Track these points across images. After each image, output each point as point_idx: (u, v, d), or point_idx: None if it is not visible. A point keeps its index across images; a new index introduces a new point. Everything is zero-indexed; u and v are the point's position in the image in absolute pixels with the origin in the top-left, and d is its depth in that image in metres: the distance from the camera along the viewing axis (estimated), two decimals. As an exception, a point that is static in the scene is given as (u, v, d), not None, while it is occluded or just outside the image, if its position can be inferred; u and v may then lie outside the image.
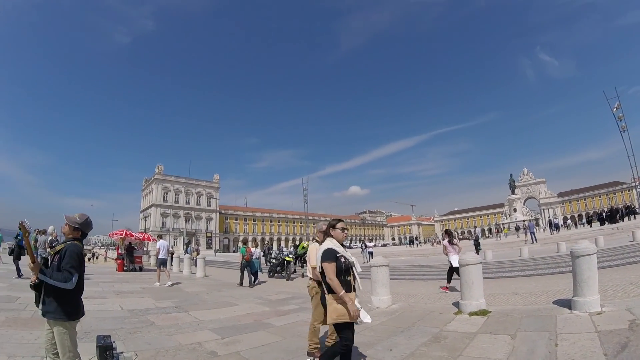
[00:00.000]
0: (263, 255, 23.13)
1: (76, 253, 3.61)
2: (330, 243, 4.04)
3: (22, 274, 12.82)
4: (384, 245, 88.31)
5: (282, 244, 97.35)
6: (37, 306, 3.57)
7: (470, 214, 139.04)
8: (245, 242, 16.36)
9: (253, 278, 15.14)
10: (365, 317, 3.90)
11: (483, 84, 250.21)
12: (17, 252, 13.52)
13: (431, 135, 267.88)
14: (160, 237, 18.04)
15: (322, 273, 3.90)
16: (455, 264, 10.09)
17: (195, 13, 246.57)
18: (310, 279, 5.31)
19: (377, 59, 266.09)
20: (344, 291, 3.74)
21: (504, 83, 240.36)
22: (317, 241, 5.35)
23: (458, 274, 9.88)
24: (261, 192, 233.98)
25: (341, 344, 3.88)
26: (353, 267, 3.99)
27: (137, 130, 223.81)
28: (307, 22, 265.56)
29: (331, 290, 3.78)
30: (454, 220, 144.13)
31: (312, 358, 5.02)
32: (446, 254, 10.95)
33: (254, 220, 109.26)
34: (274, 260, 19.04)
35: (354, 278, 3.98)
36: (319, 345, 5.11)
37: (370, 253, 29.12)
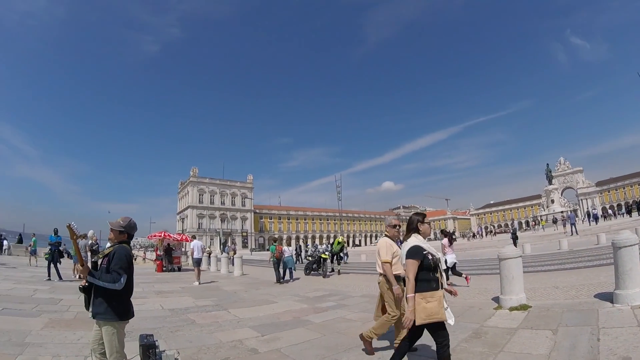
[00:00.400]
0: (295, 253, 23.18)
1: (124, 255, 3.61)
2: (416, 239, 3.81)
3: (61, 278, 13.29)
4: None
5: (317, 241, 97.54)
6: (87, 309, 3.55)
7: (507, 206, 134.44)
8: (275, 240, 16.54)
9: (288, 275, 15.67)
10: (450, 318, 3.65)
11: (515, 72, 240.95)
12: (56, 257, 13.86)
13: (464, 126, 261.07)
14: (194, 237, 18.49)
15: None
16: (450, 263, 11.09)
17: (221, 16, 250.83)
18: (380, 274, 5.20)
19: (405, 50, 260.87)
20: (415, 294, 3.51)
21: (536, 69, 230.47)
22: (387, 236, 5.31)
23: (453, 272, 11.49)
24: (294, 190, 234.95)
25: (440, 345, 3.60)
26: (439, 264, 3.76)
27: (172, 135, 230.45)
28: (332, 18, 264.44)
29: (419, 289, 3.54)
30: (490, 214, 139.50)
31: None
32: (444, 253, 11.02)
33: (288, 219, 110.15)
34: (309, 258, 18.95)
35: (441, 275, 3.74)
36: (378, 336, 5.07)
37: None
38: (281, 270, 15.24)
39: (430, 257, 3.65)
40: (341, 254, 19.08)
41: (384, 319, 5.03)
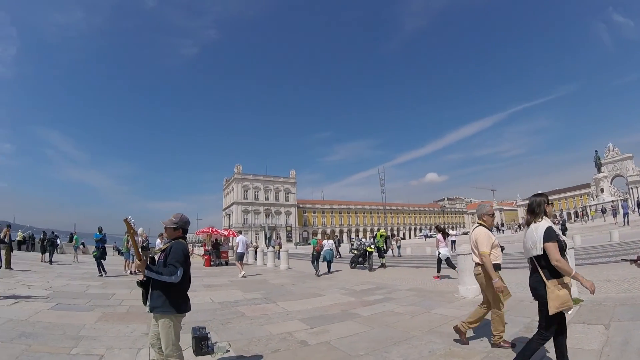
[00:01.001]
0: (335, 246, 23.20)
1: (180, 249, 3.66)
2: (547, 222, 3.60)
3: (106, 273, 13.92)
4: (465, 233, 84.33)
5: (360, 234, 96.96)
6: (145, 303, 3.62)
7: (555, 196, 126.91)
8: (315, 234, 16.75)
9: (327, 268, 16.23)
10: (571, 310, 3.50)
11: (558, 54, 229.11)
12: (101, 253, 14.38)
13: (508, 113, 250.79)
14: (239, 232, 19.09)
15: (539, 257, 3.48)
16: (443, 256, 12.51)
17: (255, 14, 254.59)
18: (476, 264, 5.00)
19: (443, 38, 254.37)
20: (574, 270, 3.35)
21: (580, 51, 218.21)
22: (482, 225, 5.09)
23: (448, 264, 12.54)
24: (337, 184, 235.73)
25: (541, 337, 3.45)
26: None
27: (215, 134, 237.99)
28: (367, 9, 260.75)
29: (553, 275, 3.37)
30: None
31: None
32: (437, 247, 13.05)
33: (332, 213, 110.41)
34: (355, 252, 18.84)
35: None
36: (503, 334, 4.85)
37: (453, 242, 28.29)
38: (320, 263, 15.81)
39: (561, 239, 3.49)
40: (385, 247, 18.78)
41: (493, 316, 4.83)
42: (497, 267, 4.76)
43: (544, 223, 3.54)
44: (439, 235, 13.15)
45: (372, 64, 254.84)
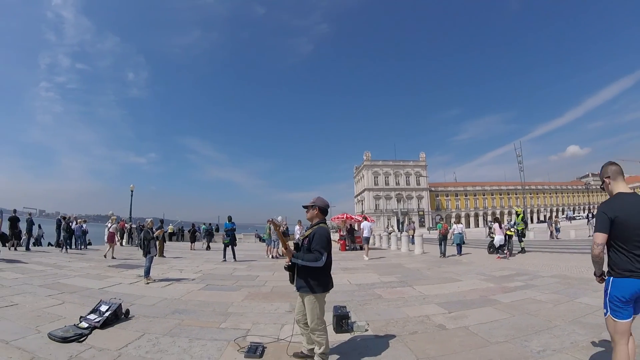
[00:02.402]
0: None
1: (324, 235, 3.98)
2: None
3: (234, 259, 15.10)
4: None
5: (508, 217, 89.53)
6: (292, 283, 4.06)
7: None
8: (442, 219, 16.70)
9: (457, 250, 17.26)
10: None
11: None
12: (231, 240, 15.56)
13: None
14: (365, 218, 20.29)
15: None
16: (497, 242, 15.72)
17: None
18: None
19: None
20: None
21: None
22: None
23: (500, 248, 15.59)
24: (469, 165, 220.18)
25: None
26: None
27: (344, 123, 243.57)
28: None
29: None
30: None
31: None
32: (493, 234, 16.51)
33: (465, 195, 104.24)
34: (492, 236, 17.72)
35: None
36: None
37: None
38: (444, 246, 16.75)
39: None
40: (525, 231, 17.31)
41: None
42: None
43: None
44: (496, 225, 16.27)
45: (497, 23, 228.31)
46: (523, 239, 17.30)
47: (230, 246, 15.39)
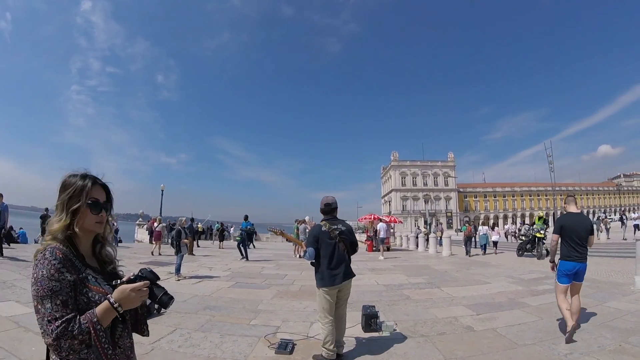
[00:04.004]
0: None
1: (311, 232, 4.47)
2: None
3: (247, 258, 15.15)
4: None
5: (527, 219, 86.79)
6: None
7: None
8: (468, 221, 16.87)
9: (482, 250, 18.92)
10: None
11: None
12: (245, 239, 16.03)
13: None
14: (380, 220, 21.22)
15: None
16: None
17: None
18: None
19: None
20: None
21: None
22: None
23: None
24: (499, 165, 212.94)
25: None
26: None
27: (372, 122, 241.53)
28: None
29: None
30: None
31: None
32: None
33: (495, 196, 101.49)
34: (523, 238, 17.39)
35: None
36: None
37: (636, 226, 25.76)
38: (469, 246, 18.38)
39: None
40: (546, 233, 16.75)
41: None
42: None
43: None
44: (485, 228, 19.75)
45: (531, 14, 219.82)
46: (544, 242, 16.84)
47: (242, 245, 15.66)
